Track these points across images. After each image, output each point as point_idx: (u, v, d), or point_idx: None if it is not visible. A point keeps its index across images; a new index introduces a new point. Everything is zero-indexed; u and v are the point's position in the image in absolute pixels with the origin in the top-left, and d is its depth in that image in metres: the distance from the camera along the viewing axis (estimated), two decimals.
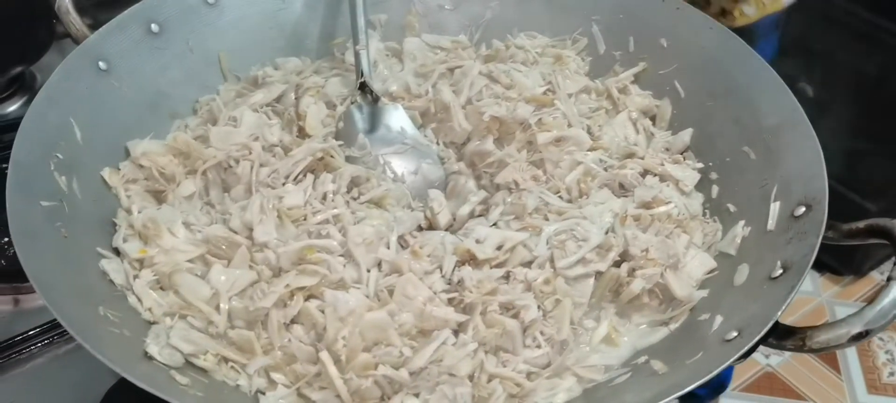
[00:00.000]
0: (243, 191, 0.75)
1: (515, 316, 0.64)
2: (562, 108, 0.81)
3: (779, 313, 0.56)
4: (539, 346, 0.63)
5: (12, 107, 1.04)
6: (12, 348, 0.73)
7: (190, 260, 0.68)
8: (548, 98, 0.82)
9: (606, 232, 0.70)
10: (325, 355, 0.60)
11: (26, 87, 1.06)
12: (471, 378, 0.61)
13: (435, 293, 0.64)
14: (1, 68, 1.01)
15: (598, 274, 0.68)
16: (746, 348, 0.55)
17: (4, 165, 0.64)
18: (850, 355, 1.26)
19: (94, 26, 0.80)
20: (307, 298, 0.64)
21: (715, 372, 0.54)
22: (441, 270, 0.66)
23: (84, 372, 0.71)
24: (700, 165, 0.79)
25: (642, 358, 0.65)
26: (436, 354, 0.61)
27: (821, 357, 1.56)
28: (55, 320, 0.54)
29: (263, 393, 0.61)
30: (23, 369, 0.73)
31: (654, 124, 0.86)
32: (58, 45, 1.02)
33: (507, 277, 0.67)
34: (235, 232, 0.70)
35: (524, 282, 0.66)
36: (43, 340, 0.74)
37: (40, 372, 0.73)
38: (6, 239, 0.75)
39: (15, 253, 0.57)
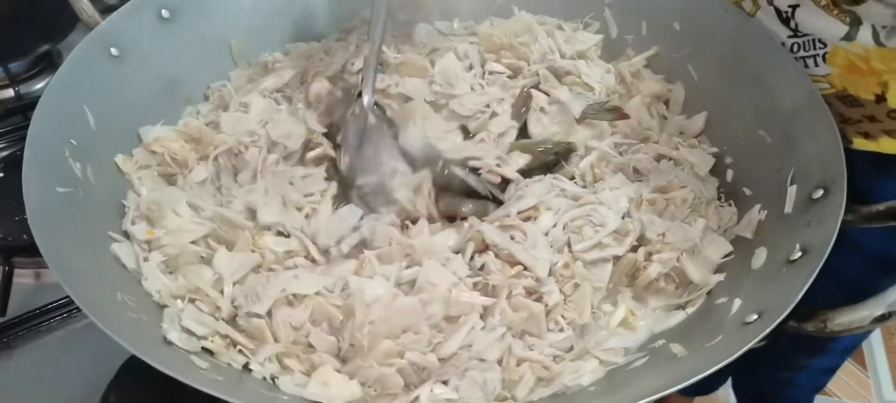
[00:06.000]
0: (250, 176, 0.75)
1: (538, 300, 0.64)
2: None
3: (799, 294, 0.56)
4: (562, 330, 0.64)
5: (39, 85, 1.04)
6: (33, 320, 0.75)
7: (194, 242, 0.68)
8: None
9: (623, 217, 0.70)
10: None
11: (53, 66, 1.06)
12: (499, 362, 0.61)
13: (460, 278, 0.64)
14: (27, 47, 1.01)
15: (616, 259, 0.68)
16: (767, 330, 0.55)
17: None
18: (878, 352, 1.23)
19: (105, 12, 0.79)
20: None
21: (736, 355, 0.54)
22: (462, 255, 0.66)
23: (101, 345, 0.70)
24: (714, 149, 0.79)
25: (660, 342, 0.65)
26: (466, 339, 0.60)
27: None
28: None
29: (277, 378, 0.61)
30: (43, 340, 0.75)
31: (667, 108, 0.86)
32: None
33: None
34: (238, 214, 0.70)
35: None
36: (62, 313, 0.76)
37: (59, 344, 0.75)
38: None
39: None
